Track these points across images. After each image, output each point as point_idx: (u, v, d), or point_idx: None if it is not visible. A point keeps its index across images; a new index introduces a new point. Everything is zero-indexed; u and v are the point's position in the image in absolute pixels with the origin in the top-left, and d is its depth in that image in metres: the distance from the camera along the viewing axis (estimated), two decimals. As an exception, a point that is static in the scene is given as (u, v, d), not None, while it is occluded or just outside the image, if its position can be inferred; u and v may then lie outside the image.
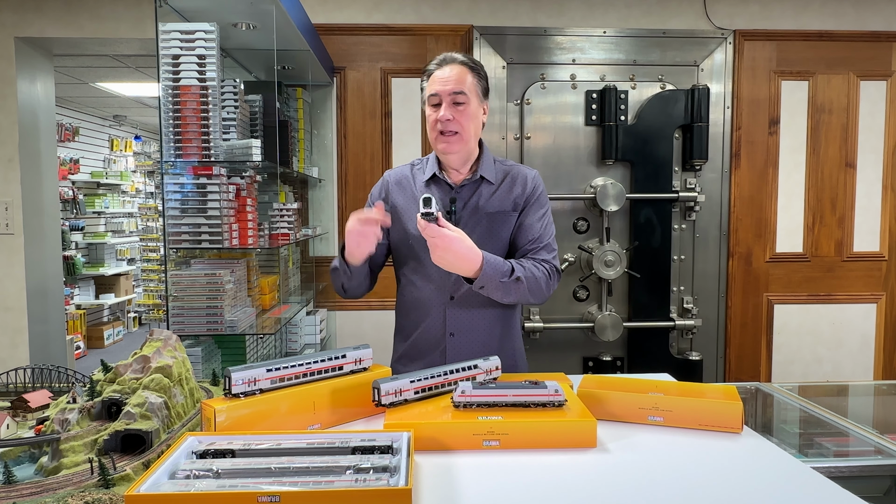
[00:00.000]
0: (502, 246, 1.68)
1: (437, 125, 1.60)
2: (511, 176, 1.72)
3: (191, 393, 1.31)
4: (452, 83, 1.59)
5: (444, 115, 1.58)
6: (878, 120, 3.37)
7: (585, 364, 3.30)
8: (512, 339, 1.76)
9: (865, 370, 3.47)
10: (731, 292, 3.37)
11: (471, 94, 1.61)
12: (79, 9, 3.06)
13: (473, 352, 1.65)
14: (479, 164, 1.70)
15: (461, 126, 1.60)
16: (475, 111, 1.63)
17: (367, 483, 0.90)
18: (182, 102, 1.97)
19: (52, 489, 0.97)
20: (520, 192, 1.70)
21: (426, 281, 1.68)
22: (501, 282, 1.53)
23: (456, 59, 1.62)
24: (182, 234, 2.02)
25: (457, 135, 1.60)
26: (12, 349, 3.11)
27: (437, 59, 1.64)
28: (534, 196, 1.70)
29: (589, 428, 1.18)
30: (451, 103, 1.59)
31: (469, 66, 1.62)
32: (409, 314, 1.74)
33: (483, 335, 1.69)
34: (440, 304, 1.67)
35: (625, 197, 3.13)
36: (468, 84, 1.60)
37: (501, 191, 1.69)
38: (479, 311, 1.67)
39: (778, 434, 1.92)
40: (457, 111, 1.59)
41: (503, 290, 1.55)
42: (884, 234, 3.42)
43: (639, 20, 3.27)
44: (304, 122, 3.06)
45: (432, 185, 1.70)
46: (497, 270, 1.52)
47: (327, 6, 3.18)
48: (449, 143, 1.61)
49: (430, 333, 1.69)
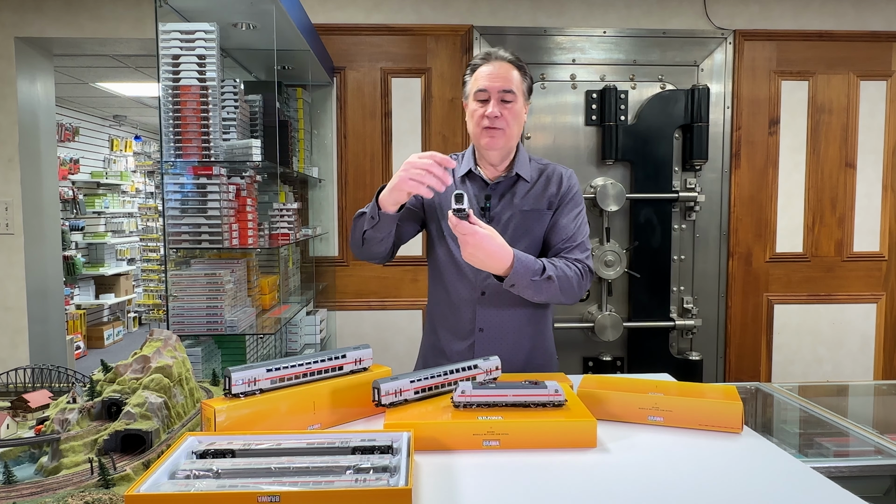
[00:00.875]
0: (536, 244, 1.68)
1: (484, 120, 1.60)
2: (546, 174, 1.72)
3: (191, 393, 1.31)
4: (502, 80, 1.59)
5: (492, 112, 1.58)
6: (878, 120, 3.37)
7: (585, 364, 3.30)
8: (544, 340, 1.75)
9: (865, 370, 3.47)
10: (731, 292, 3.37)
11: (518, 93, 1.62)
12: (79, 9, 3.06)
13: (503, 349, 1.65)
14: (516, 161, 1.70)
15: (507, 123, 1.61)
16: (520, 109, 1.65)
17: (367, 483, 0.90)
18: (182, 102, 1.97)
19: (52, 489, 0.97)
20: (554, 191, 1.70)
21: (458, 275, 1.68)
22: (532, 280, 1.52)
23: (505, 56, 1.63)
24: (182, 234, 2.02)
25: (501, 131, 1.61)
26: (12, 349, 3.11)
27: (483, 54, 1.65)
28: (569, 195, 1.70)
29: (589, 428, 1.18)
30: (500, 100, 1.60)
31: (517, 64, 1.64)
32: (438, 305, 1.75)
33: (513, 334, 1.68)
34: (471, 300, 1.67)
35: (625, 197, 3.13)
36: (516, 82, 1.62)
37: (536, 189, 1.70)
38: (509, 309, 1.67)
39: (778, 434, 1.92)
40: (504, 108, 1.60)
41: (534, 289, 1.53)
42: (884, 234, 3.42)
43: (639, 20, 3.27)
44: (304, 122, 3.06)
45: (467, 180, 1.70)
46: (528, 269, 1.51)
47: (327, 6, 3.18)
48: (493, 138, 1.61)
49: (460, 328, 1.69)
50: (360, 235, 1.61)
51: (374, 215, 1.54)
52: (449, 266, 1.70)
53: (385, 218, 1.53)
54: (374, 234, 1.58)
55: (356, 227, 1.63)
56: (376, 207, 1.53)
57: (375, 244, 1.60)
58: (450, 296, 1.71)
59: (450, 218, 1.41)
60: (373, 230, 1.57)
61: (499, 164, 1.70)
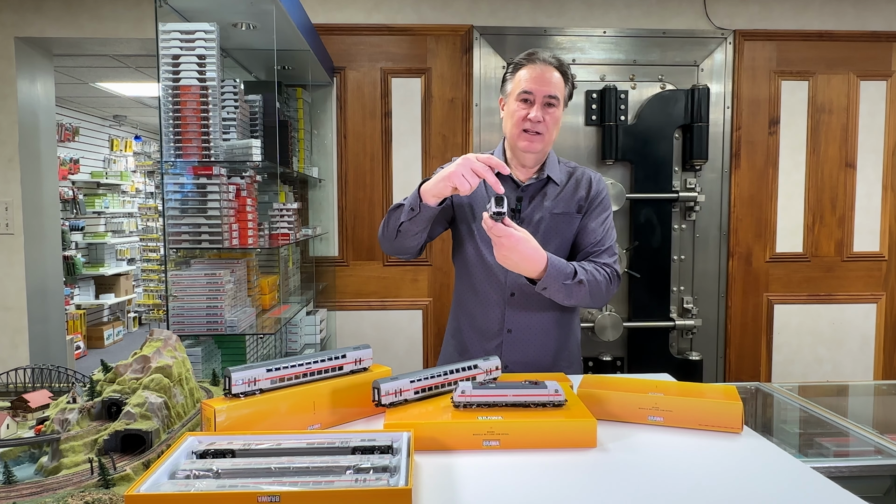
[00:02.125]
0: (566, 246, 1.68)
1: (525, 123, 1.60)
2: (575, 178, 1.72)
3: (191, 393, 1.31)
4: (548, 85, 1.59)
5: (536, 116, 1.58)
6: (878, 120, 3.37)
7: (585, 364, 3.30)
8: (570, 343, 1.76)
9: (865, 370, 3.47)
10: (731, 292, 3.37)
11: (561, 98, 1.62)
12: (79, 9, 3.06)
13: (529, 351, 1.65)
14: (547, 163, 1.70)
15: (548, 128, 1.61)
16: (560, 115, 1.65)
17: (367, 483, 0.90)
18: (182, 102, 1.97)
19: (52, 489, 0.97)
20: (584, 195, 1.70)
21: (487, 276, 1.68)
22: (564, 284, 1.52)
23: (550, 60, 1.62)
24: (182, 234, 2.02)
25: (541, 136, 1.61)
26: (12, 349, 3.11)
27: (526, 54, 1.63)
28: (597, 199, 1.71)
29: (589, 428, 1.18)
30: (543, 104, 1.60)
31: (561, 69, 1.63)
32: (465, 306, 1.74)
33: (540, 335, 1.68)
34: (500, 301, 1.67)
35: (625, 197, 3.13)
36: (560, 87, 1.61)
37: (566, 192, 1.70)
38: (538, 312, 1.67)
39: (778, 434, 1.92)
40: (547, 113, 1.60)
41: (565, 293, 1.54)
42: (884, 234, 3.42)
43: (639, 20, 3.27)
44: (304, 122, 3.06)
45: (500, 180, 1.70)
46: (560, 272, 1.51)
47: (327, 6, 3.18)
48: (532, 141, 1.61)
49: (487, 328, 1.69)
50: (395, 227, 1.59)
51: (414, 206, 1.53)
52: (478, 266, 1.70)
53: (426, 210, 1.52)
54: (411, 227, 1.57)
55: (390, 220, 1.61)
56: (418, 199, 1.52)
57: (410, 237, 1.59)
58: (478, 296, 1.71)
59: (485, 220, 1.40)
60: (410, 222, 1.55)
61: (531, 167, 1.70)
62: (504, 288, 1.67)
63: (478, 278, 1.70)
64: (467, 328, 1.75)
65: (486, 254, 1.66)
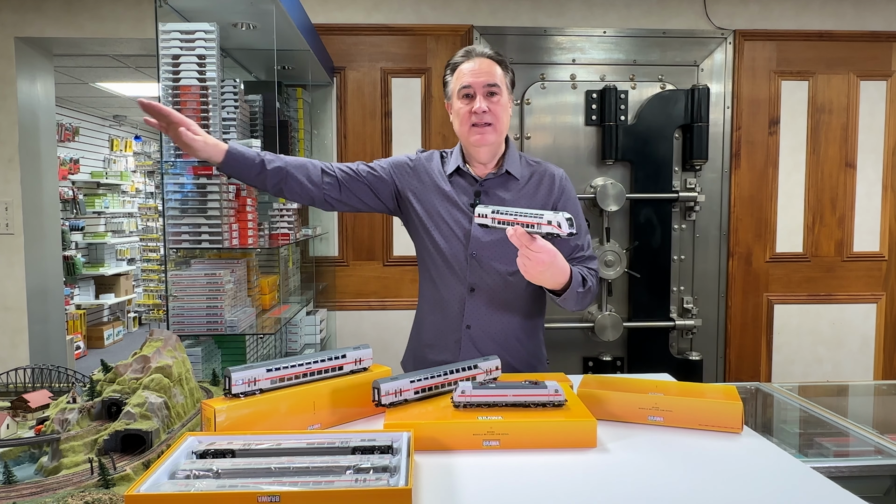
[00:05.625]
0: None
1: (472, 117, 1.60)
2: (538, 174, 1.71)
3: (191, 393, 1.31)
4: (485, 75, 1.59)
5: (480, 107, 1.58)
6: (878, 120, 3.37)
7: (585, 364, 3.30)
8: (536, 345, 1.75)
9: (865, 370, 3.47)
10: (731, 292, 3.37)
11: (503, 86, 1.62)
12: (79, 9, 3.06)
13: (488, 348, 1.64)
14: (505, 159, 1.69)
15: (496, 117, 1.60)
16: (507, 103, 1.64)
17: (367, 483, 0.90)
18: (182, 102, 1.97)
19: (52, 489, 0.97)
20: (546, 193, 1.68)
21: (447, 272, 1.66)
22: (578, 292, 1.53)
23: (484, 52, 1.63)
24: (182, 234, 2.02)
25: (490, 126, 1.60)
26: (12, 349, 3.11)
27: (463, 52, 1.65)
28: (567, 199, 1.69)
29: (589, 428, 1.18)
30: (486, 95, 1.60)
31: (497, 59, 1.63)
32: (427, 303, 1.74)
33: (500, 333, 1.67)
34: (459, 296, 1.66)
35: (625, 197, 3.13)
36: (499, 76, 1.61)
37: (528, 188, 1.68)
38: (497, 307, 1.66)
39: (778, 434, 1.92)
40: (491, 102, 1.60)
41: (576, 300, 1.54)
42: (884, 234, 3.42)
43: (639, 20, 3.27)
44: (304, 122, 3.06)
45: (456, 177, 1.69)
46: (576, 282, 1.52)
47: (327, 6, 3.18)
48: (483, 134, 1.60)
49: (447, 324, 1.68)
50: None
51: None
52: (437, 258, 1.67)
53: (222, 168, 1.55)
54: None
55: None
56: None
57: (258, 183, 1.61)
58: (439, 292, 1.69)
59: (518, 233, 1.32)
60: None
61: (488, 162, 1.68)
62: (463, 284, 1.65)
63: (437, 276, 1.69)
64: (429, 322, 1.73)
65: (442, 244, 1.64)
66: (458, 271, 1.65)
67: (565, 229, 1.27)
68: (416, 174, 1.72)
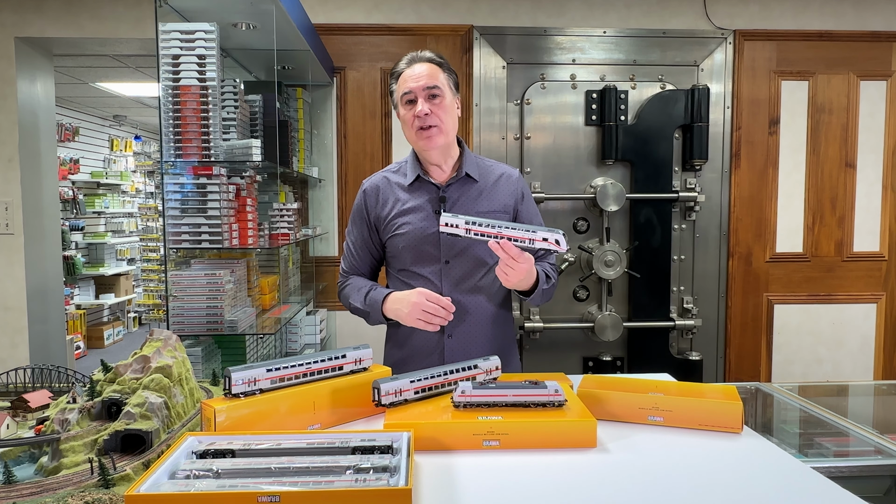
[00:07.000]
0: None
1: (416, 121, 1.61)
2: (495, 174, 1.74)
3: (191, 393, 1.31)
4: (425, 78, 1.61)
5: (421, 110, 1.59)
6: (878, 120, 3.37)
7: (585, 364, 3.30)
8: (508, 344, 1.77)
9: (865, 370, 3.47)
10: (731, 292, 3.37)
11: (444, 88, 1.63)
12: (79, 9, 3.06)
13: (471, 353, 1.65)
14: (462, 161, 1.71)
15: (440, 119, 1.61)
16: (450, 104, 1.65)
17: (367, 483, 0.90)
18: (182, 102, 1.97)
19: (52, 489, 0.97)
20: (506, 193, 1.71)
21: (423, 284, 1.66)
22: (543, 289, 1.64)
23: (424, 56, 1.65)
24: (182, 234, 2.02)
25: (436, 128, 1.61)
26: (12, 349, 3.11)
27: (405, 60, 1.67)
28: (526, 202, 1.74)
29: (589, 428, 1.18)
30: (427, 97, 1.61)
31: (437, 62, 1.65)
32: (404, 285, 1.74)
33: (480, 337, 1.69)
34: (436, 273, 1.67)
35: (625, 197, 3.13)
36: (440, 79, 1.63)
37: (487, 190, 1.71)
38: (476, 315, 1.68)
39: (778, 434, 1.92)
40: (433, 105, 1.61)
41: (542, 296, 1.66)
42: (884, 234, 3.42)
43: (639, 20, 3.27)
44: (304, 122, 3.06)
45: (417, 186, 1.69)
46: (542, 279, 1.63)
47: (327, 6, 3.18)
48: (430, 137, 1.61)
49: (427, 336, 1.68)
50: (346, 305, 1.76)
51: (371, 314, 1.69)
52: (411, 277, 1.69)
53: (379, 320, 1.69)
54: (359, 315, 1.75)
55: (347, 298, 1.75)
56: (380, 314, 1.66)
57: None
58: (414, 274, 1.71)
59: (505, 246, 1.44)
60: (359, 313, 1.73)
61: (444, 165, 1.70)
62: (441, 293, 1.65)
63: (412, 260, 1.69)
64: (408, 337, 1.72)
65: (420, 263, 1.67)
66: (436, 283, 1.67)
67: (563, 247, 1.40)
68: (375, 200, 1.73)
